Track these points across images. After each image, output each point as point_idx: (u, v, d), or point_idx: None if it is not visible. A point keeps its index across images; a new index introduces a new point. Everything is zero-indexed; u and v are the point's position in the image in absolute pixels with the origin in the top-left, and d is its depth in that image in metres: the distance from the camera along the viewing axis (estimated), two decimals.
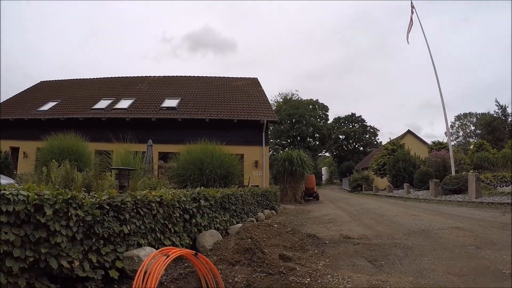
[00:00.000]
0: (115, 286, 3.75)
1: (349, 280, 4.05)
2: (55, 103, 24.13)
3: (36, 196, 3.04)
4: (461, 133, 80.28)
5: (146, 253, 3.96)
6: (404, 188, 24.20)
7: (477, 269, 4.42)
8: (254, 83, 28.08)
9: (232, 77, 29.54)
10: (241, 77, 29.50)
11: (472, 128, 78.50)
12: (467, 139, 76.36)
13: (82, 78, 30.48)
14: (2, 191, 2.84)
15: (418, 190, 23.20)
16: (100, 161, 10.61)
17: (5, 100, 27.06)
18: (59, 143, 10.83)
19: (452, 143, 26.98)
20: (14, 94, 28.03)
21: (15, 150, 22.16)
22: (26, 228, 2.96)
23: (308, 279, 4.01)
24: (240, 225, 6.87)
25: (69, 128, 12.43)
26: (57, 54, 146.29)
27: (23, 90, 28.93)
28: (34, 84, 30.46)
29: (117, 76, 30.09)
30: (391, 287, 3.81)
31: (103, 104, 23.02)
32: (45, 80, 31.09)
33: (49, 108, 23.28)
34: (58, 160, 7.53)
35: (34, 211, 3.00)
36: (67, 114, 21.92)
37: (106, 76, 30.37)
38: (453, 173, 20.30)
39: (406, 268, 4.76)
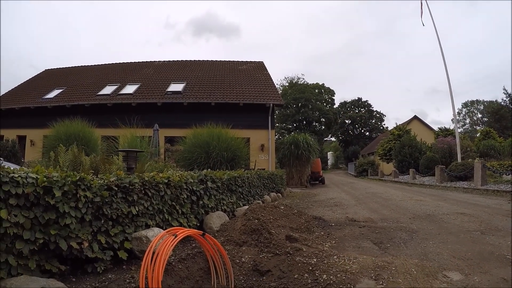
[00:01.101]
0: (124, 266, 3.81)
1: (354, 261, 4.09)
2: (61, 90, 24.18)
3: (45, 179, 3.06)
4: (468, 121, 79.65)
5: (154, 233, 4.00)
6: (410, 174, 24.17)
7: (482, 254, 4.45)
8: (259, 66, 27.87)
9: (238, 61, 29.31)
10: (246, 61, 29.26)
11: (479, 115, 77.77)
12: (474, 126, 75.73)
13: (86, 65, 30.44)
14: (11, 174, 2.87)
15: (423, 176, 23.16)
16: (107, 146, 10.65)
17: (10, 89, 27.19)
18: (65, 129, 10.86)
19: (459, 130, 26.80)
20: (19, 84, 28.14)
21: (22, 139, 22.37)
22: (36, 211, 2.99)
23: (315, 260, 4.06)
24: (246, 207, 6.93)
25: (75, 115, 12.49)
26: (60, 42, 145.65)
27: (27, 79, 29.02)
28: (38, 72, 30.49)
29: (122, 62, 30.01)
30: (397, 268, 3.85)
31: (108, 90, 23.01)
32: (49, 68, 31.13)
33: (55, 96, 23.35)
34: (65, 145, 7.57)
35: (43, 193, 3.03)
36: (72, 101, 21.97)
37: (110, 62, 30.31)
38: (459, 160, 20.20)
39: (411, 251, 4.81)
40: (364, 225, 6.81)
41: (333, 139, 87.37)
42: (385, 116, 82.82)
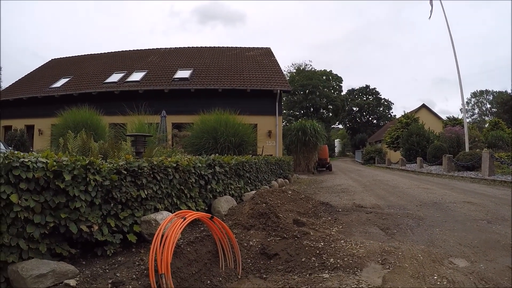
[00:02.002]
0: (133, 249, 3.86)
1: (361, 245, 4.13)
2: (67, 79, 24.21)
3: (54, 163, 3.08)
4: (476, 111, 78.83)
5: (163, 217, 4.03)
6: (417, 162, 24.05)
7: (488, 242, 4.46)
8: (267, 52, 27.65)
9: (245, 47, 29.09)
10: (253, 47, 29.03)
11: (488, 106, 76.91)
12: (483, 117, 74.89)
13: (92, 53, 30.41)
14: (22, 159, 2.89)
15: (431, 165, 23.06)
16: (115, 133, 10.70)
17: (17, 80, 27.33)
18: (73, 117, 10.90)
19: (467, 120, 26.51)
20: (26, 74, 28.20)
21: (30, 128, 22.63)
22: (46, 195, 3.01)
23: (322, 243, 4.09)
24: (254, 192, 6.97)
25: (83, 103, 12.52)
26: (65, 32, 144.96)
27: (34, 69, 29.09)
28: (44, 62, 30.57)
29: (128, 50, 29.93)
30: (404, 254, 3.88)
31: (115, 77, 23.01)
32: (55, 58, 31.14)
33: (62, 85, 23.41)
34: (73, 133, 7.61)
35: (53, 177, 3.05)
36: (79, 89, 22.00)
37: (116, 50, 30.22)
38: (467, 149, 20.03)
39: (418, 237, 4.83)
40: (371, 211, 6.83)
41: (340, 126, 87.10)
42: (393, 104, 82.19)
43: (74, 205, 3.16)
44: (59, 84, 23.62)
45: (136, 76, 22.82)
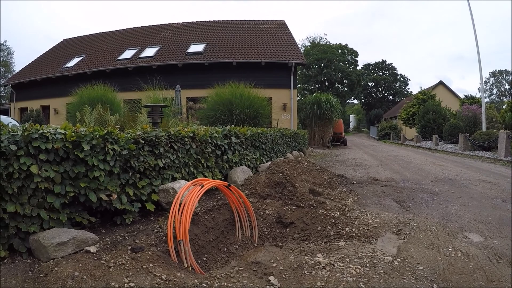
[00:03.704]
0: (152, 218, 3.94)
1: (377, 216, 4.16)
2: (80, 58, 24.24)
3: (73, 133, 3.11)
4: (495, 91, 76.63)
5: (181, 185, 4.06)
6: (433, 140, 23.75)
7: (502, 219, 4.44)
8: (281, 25, 27.11)
9: (258, 20, 28.57)
10: (267, 20, 28.48)
11: (507, 86, 74.67)
12: (501, 97, 72.90)
13: (103, 31, 30.22)
14: (41, 131, 2.93)
15: (446, 143, 22.76)
16: (130, 109, 10.78)
17: (30, 62, 27.46)
18: (88, 94, 11.01)
19: (485, 100, 25.76)
20: (39, 55, 28.31)
21: (45, 108, 23.04)
22: (65, 165, 3.05)
23: (337, 213, 4.14)
24: (269, 163, 7.01)
25: (97, 81, 12.61)
26: (76, 12, 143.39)
27: (46, 50, 29.14)
28: (56, 43, 30.58)
29: (139, 26, 29.68)
30: (419, 225, 3.90)
31: (128, 54, 22.94)
32: (67, 38, 31.09)
33: (75, 64, 23.46)
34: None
35: (72, 148, 3.09)
36: (93, 67, 22.05)
37: (127, 27, 30.02)
38: (483, 129, 19.65)
39: (432, 211, 4.85)
40: (386, 184, 6.84)
41: (355, 101, 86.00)
42: (409, 80, 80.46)
43: (93, 175, 3.20)
44: (72, 63, 23.71)
45: (149, 51, 22.73)
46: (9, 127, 2.94)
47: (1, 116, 10.02)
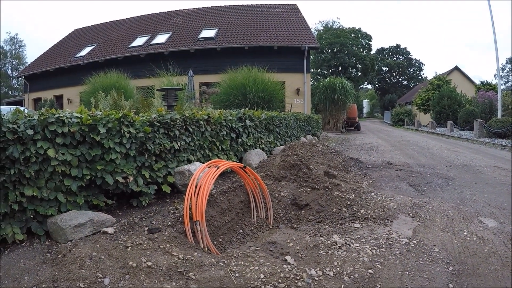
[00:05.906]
0: (168, 200, 3.99)
1: (392, 198, 4.16)
2: (92, 47, 24.25)
3: (89, 117, 3.14)
4: (511, 78, 75.04)
5: (196, 167, 4.10)
6: (447, 126, 23.43)
7: None
8: (293, 9, 26.68)
9: (270, 4, 28.15)
10: (279, 4, 28.10)
11: None
12: None
13: (114, 20, 30.13)
14: (57, 115, 2.95)
15: (461, 129, 22.44)
16: (143, 95, 10.85)
17: (42, 53, 27.57)
18: (101, 82, 11.08)
19: (502, 86, 25.13)
20: (50, 46, 28.40)
21: (59, 98, 23.16)
22: (82, 148, 3.08)
23: (353, 195, 4.15)
24: (283, 146, 7.01)
25: (109, 69, 12.66)
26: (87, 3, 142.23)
27: (58, 41, 29.23)
28: (68, 33, 30.64)
29: (150, 13, 29.46)
30: (434, 208, 3.89)
31: (140, 41, 22.85)
32: (78, 28, 31.09)
33: (87, 53, 23.49)
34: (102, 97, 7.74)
35: (88, 131, 3.11)
36: (105, 55, 22.02)
37: (138, 15, 29.86)
38: (499, 116, 19.29)
39: (447, 195, 4.83)
40: (401, 168, 6.81)
41: (369, 86, 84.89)
42: (424, 65, 78.88)
43: (110, 157, 3.23)
44: (84, 52, 23.76)
45: (161, 38, 22.63)
46: (25, 113, 2.97)
47: (15, 106, 10.21)
